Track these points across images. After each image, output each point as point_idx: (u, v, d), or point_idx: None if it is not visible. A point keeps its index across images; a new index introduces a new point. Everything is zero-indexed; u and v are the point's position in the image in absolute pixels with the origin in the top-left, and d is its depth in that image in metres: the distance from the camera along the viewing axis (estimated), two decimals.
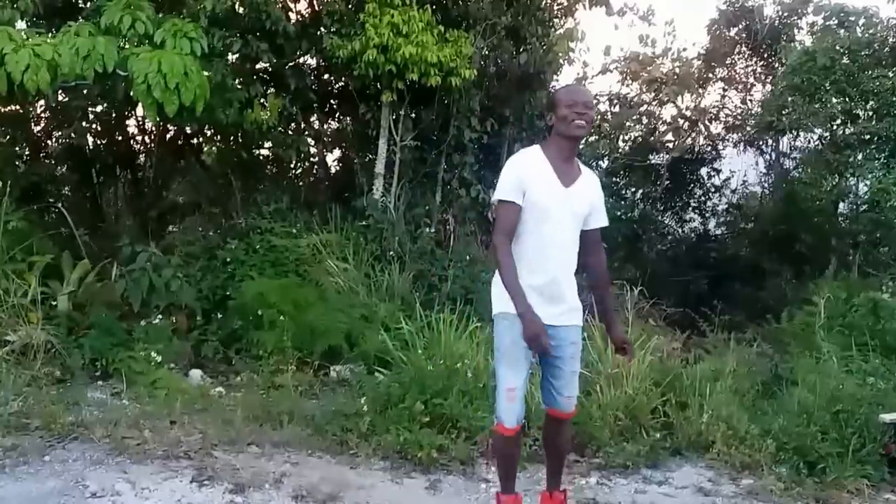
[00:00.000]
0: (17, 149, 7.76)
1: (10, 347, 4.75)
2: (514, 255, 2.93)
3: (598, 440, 4.28)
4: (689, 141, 12.18)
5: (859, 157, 9.28)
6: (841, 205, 10.05)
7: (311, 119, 8.48)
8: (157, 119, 5.80)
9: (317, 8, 7.67)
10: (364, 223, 7.18)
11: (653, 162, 11.70)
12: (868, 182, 9.25)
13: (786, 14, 11.46)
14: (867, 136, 9.13)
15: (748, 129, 11.76)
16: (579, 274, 3.09)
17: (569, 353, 3.06)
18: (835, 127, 9.77)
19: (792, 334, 6.40)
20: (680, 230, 12.80)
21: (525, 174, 2.95)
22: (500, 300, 2.98)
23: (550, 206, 2.94)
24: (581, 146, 11.20)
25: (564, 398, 3.10)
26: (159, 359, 4.94)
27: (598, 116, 11.38)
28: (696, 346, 6.05)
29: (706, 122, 12.21)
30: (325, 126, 8.84)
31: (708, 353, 5.67)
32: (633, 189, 12.05)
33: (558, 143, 3.00)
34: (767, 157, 11.93)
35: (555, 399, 3.11)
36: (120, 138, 8.23)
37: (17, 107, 7.11)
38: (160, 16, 5.79)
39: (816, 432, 4.17)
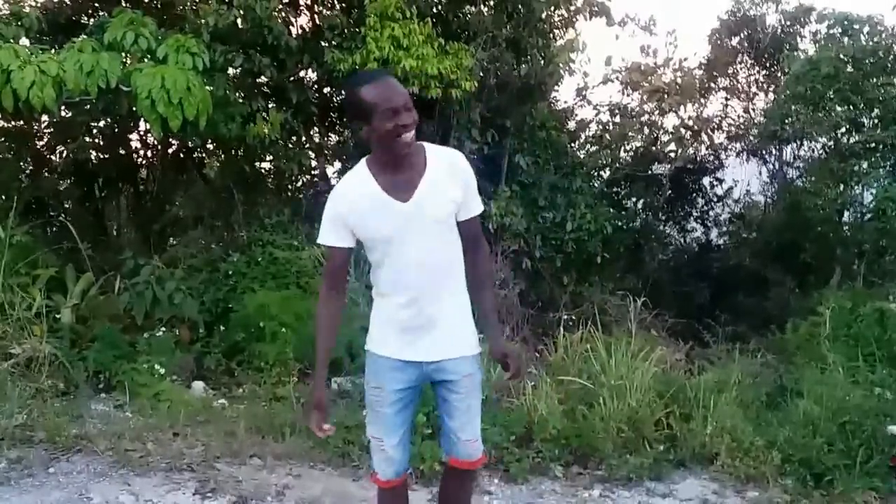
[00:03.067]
0: (21, 164, 7.81)
1: (14, 360, 4.77)
2: (376, 284, 2.53)
3: (601, 452, 4.25)
4: (691, 151, 12.15)
5: (864, 165, 9.25)
6: (845, 214, 9.99)
7: (313, 132, 8.51)
8: (161, 133, 5.83)
9: (318, 22, 7.72)
10: None
11: (655, 172, 11.67)
12: (873, 191, 9.20)
13: (788, 23, 11.46)
14: (872, 145, 9.10)
15: (751, 138, 11.74)
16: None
17: (463, 386, 2.51)
18: (839, 135, 9.75)
19: (797, 345, 6.35)
20: (682, 240, 12.76)
21: (343, 209, 2.41)
22: (370, 334, 2.57)
23: (391, 234, 2.38)
24: (583, 157, 11.19)
25: (464, 442, 2.55)
26: (162, 371, 4.97)
27: (600, 127, 11.39)
28: (699, 358, 6.02)
29: (708, 131, 12.18)
30: (326, 139, 8.87)
31: (711, 364, 5.64)
32: (634, 199, 12.01)
33: (384, 157, 2.37)
34: (770, 166, 11.90)
35: (453, 444, 2.58)
36: (123, 153, 8.27)
37: (22, 122, 7.16)
38: (163, 31, 5.84)
39: (822, 444, 4.12)
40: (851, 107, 9.32)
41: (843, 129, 9.60)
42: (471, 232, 2.52)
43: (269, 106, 7.24)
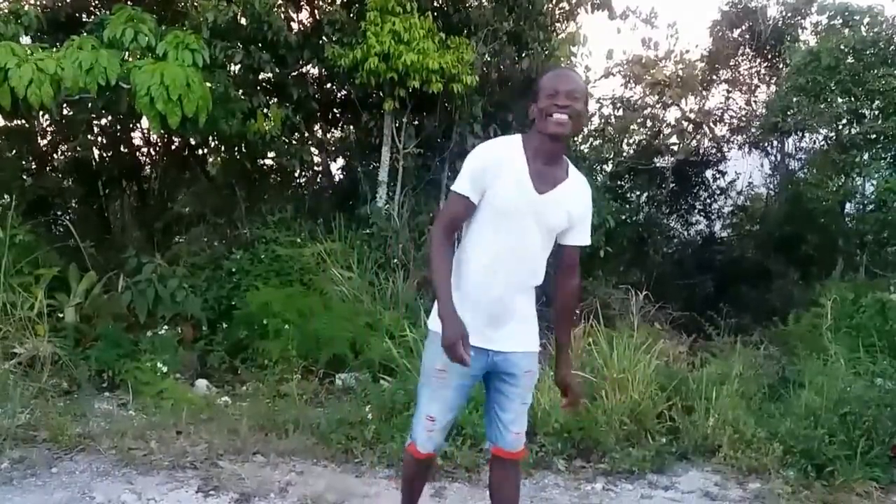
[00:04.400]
0: (23, 162, 7.82)
1: (17, 360, 4.78)
2: (459, 260, 2.55)
3: (604, 445, 4.27)
4: (693, 143, 12.12)
5: (865, 156, 9.22)
6: (847, 205, 9.97)
7: (314, 128, 8.51)
8: (161, 131, 5.84)
9: (318, 17, 7.71)
10: (368, 231, 7.19)
11: (657, 165, 11.65)
12: (874, 182, 9.19)
13: (789, 14, 11.41)
14: (873, 136, 9.07)
15: (753, 130, 11.70)
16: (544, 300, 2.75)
17: (523, 382, 2.59)
18: (840, 127, 9.72)
19: (799, 336, 6.35)
20: (685, 233, 12.74)
21: (491, 168, 2.45)
22: (436, 314, 2.50)
23: (513, 213, 2.45)
24: (586, 150, 11.16)
25: (512, 434, 2.62)
26: (165, 369, 4.97)
27: (602, 120, 11.36)
28: (702, 350, 6.02)
29: (710, 124, 12.15)
30: (328, 135, 8.87)
31: (714, 357, 5.64)
32: (637, 192, 12.00)
33: (539, 140, 2.47)
34: (772, 158, 11.87)
35: (501, 435, 2.63)
36: (125, 151, 8.29)
37: (23, 121, 7.16)
38: (162, 28, 5.84)
39: (824, 435, 4.13)
40: (852, 98, 9.30)
41: (845, 121, 9.57)
42: (571, 259, 2.62)
43: (270, 102, 7.24)
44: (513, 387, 2.59)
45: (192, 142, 8.06)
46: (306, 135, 8.13)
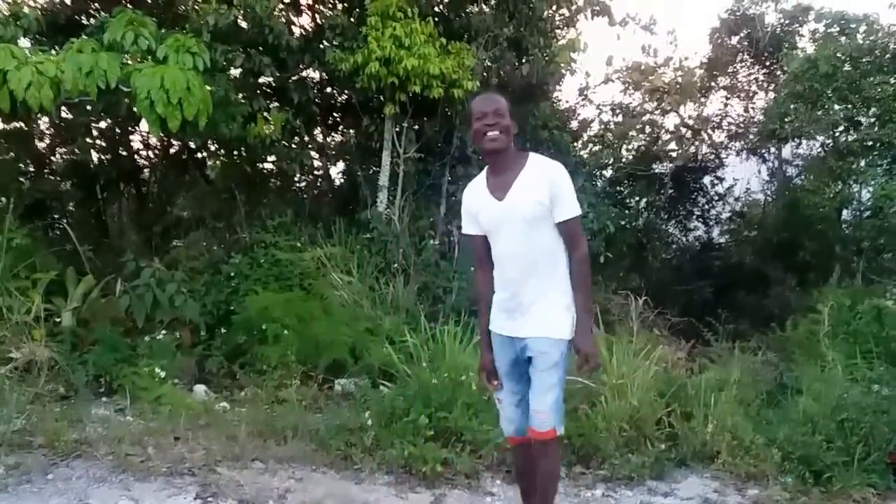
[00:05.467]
0: (21, 165, 7.78)
1: (13, 364, 4.74)
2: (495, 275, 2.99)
3: (603, 451, 4.27)
4: (692, 149, 12.19)
5: (862, 163, 9.28)
6: (844, 212, 10.02)
7: (315, 132, 8.51)
8: (160, 134, 5.82)
9: (319, 21, 7.72)
10: (368, 236, 7.19)
11: (656, 171, 11.70)
12: (871, 189, 9.23)
13: (787, 22, 11.48)
14: (870, 143, 9.13)
15: (751, 137, 11.77)
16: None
17: (539, 363, 2.84)
18: (837, 134, 9.77)
19: (796, 342, 6.37)
20: (684, 239, 12.79)
21: (468, 203, 2.99)
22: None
23: (490, 224, 2.90)
24: (585, 156, 11.20)
25: (533, 412, 2.86)
26: (163, 374, 4.93)
27: (602, 126, 11.39)
28: (700, 356, 6.03)
29: (709, 130, 12.22)
30: (329, 139, 8.87)
31: (713, 363, 5.65)
32: (636, 198, 12.05)
33: (486, 158, 2.95)
34: (770, 164, 11.94)
35: (530, 417, 2.90)
36: (124, 154, 8.26)
37: (22, 123, 7.14)
38: (163, 31, 5.83)
39: (822, 441, 4.15)
40: (849, 105, 9.36)
41: (841, 128, 9.63)
42: (565, 233, 2.86)
43: (271, 106, 7.24)
44: (532, 367, 2.89)
45: (192, 145, 8.04)
46: (306, 139, 8.13)
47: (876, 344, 5.55)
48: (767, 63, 11.86)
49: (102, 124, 7.68)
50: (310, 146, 8.24)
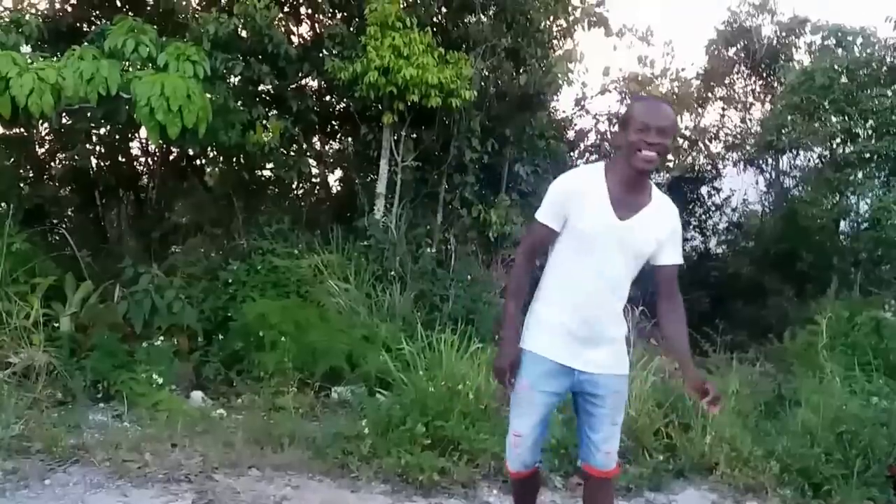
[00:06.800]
0: (20, 171, 7.78)
1: (11, 370, 4.73)
2: (548, 285, 2.67)
3: None
4: (689, 160, 12.22)
5: (859, 175, 9.32)
6: (842, 223, 10.05)
7: (313, 140, 8.53)
8: (160, 141, 5.83)
9: (318, 31, 7.76)
10: (365, 243, 7.19)
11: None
12: (868, 200, 9.27)
13: (784, 34, 11.55)
14: (867, 155, 9.18)
15: (748, 148, 11.81)
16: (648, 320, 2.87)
17: (610, 402, 2.65)
18: (834, 145, 9.82)
19: (795, 354, 6.38)
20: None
21: (573, 196, 2.56)
22: (530, 333, 2.68)
23: (595, 239, 2.53)
24: (581, 165, 11.26)
25: (602, 454, 2.69)
26: (161, 381, 4.92)
27: (598, 136, 11.43)
28: (698, 367, 6.00)
29: (706, 141, 12.26)
30: (327, 147, 8.89)
31: (710, 374, 5.63)
32: None
33: (622, 168, 2.54)
34: (767, 175, 11.97)
35: (591, 454, 2.71)
36: (123, 160, 8.27)
37: (22, 129, 7.15)
38: (163, 39, 5.85)
39: (820, 454, 4.15)
40: (846, 117, 9.41)
41: (839, 140, 9.68)
42: (667, 279, 2.67)
43: (270, 114, 7.26)
44: (600, 407, 2.65)
45: (190, 152, 8.06)
46: (305, 146, 8.15)
47: (874, 356, 5.56)
48: (764, 74, 11.92)
49: (102, 131, 7.69)
50: (308, 154, 8.26)
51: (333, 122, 8.58)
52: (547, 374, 2.62)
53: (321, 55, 7.26)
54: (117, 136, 7.83)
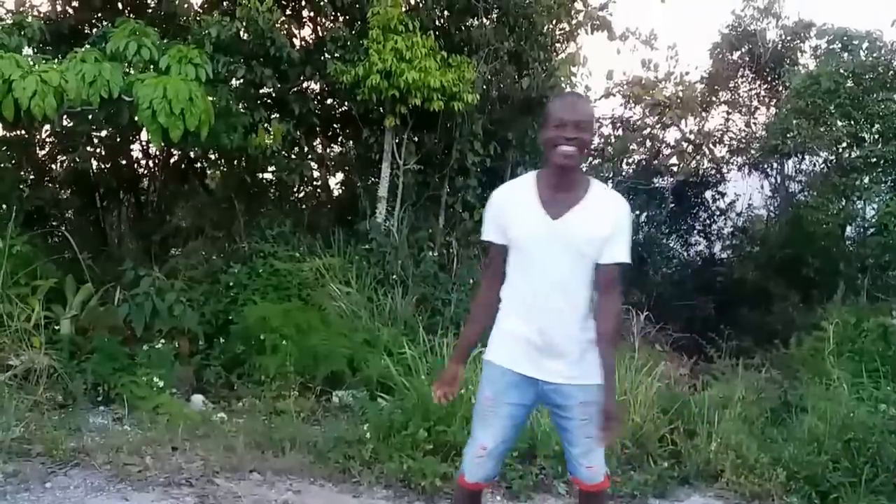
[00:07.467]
0: (21, 173, 7.78)
1: (12, 372, 4.72)
2: (506, 296, 2.61)
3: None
4: (693, 164, 12.18)
5: (866, 180, 9.26)
6: (848, 228, 9.99)
7: (315, 143, 8.51)
8: (162, 144, 5.82)
9: (321, 34, 7.75)
10: (367, 247, 7.17)
11: (657, 185, 11.70)
12: (875, 205, 9.22)
13: (788, 38, 11.52)
14: (873, 160, 9.12)
15: (752, 152, 11.76)
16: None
17: (577, 414, 2.54)
18: (840, 150, 9.77)
19: (801, 360, 6.31)
20: (685, 254, 12.74)
21: (504, 205, 2.58)
22: (492, 343, 2.64)
23: (533, 241, 2.50)
24: (585, 169, 11.26)
25: (584, 468, 2.62)
26: (161, 384, 4.90)
27: (602, 140, 11.39)
28: (703, 372, 5.98)
29: (710, 145, 12.21)
30: (329, 150, 8.87)
31: (716, 380, 5.60)
32: (637, 212, 12.01)
33: (549, 169, 2.53)
34: (772, 180, 11.91)
35: (577, 468, 2.66)
36: (124, 163, 8.26)
37: (23, 132, 7.14)
38: (165, 42, 5.84)
39: (828, 461, 4.09)
40: (852, 122, 9.36)
41: (844, 144, 9.63)
42: (606, 278, 2.53)
43: (271, 117, 7.24)
44: (570, 419, 2.58)
45: (192, 155, 8.05)
46: (306, 149, 8.14)
47: (882, 363, 5.49)
48: (769, 78, 11.89)
49: (103, 133, 7.68)
50: (310, 157, 8.25)
51: (335, 126, 8.57)
52: (509, 386, 2.57)
53: (323, 58, 7.24)
54: (118, 139, 7.82)
